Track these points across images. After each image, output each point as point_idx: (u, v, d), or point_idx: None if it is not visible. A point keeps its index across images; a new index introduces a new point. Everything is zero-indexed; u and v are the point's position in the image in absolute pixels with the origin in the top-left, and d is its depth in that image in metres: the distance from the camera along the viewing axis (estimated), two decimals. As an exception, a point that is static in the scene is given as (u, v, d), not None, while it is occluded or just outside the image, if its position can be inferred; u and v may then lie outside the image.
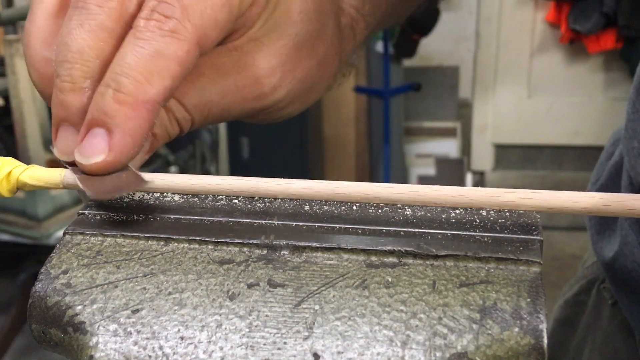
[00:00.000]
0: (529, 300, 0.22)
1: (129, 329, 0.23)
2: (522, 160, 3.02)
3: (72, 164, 0.27)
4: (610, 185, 0.48)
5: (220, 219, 0.27)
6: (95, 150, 0.26)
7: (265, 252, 0.25)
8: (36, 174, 0.28)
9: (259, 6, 0.29)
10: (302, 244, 0.25)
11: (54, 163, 0.29)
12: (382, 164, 2.62)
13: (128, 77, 0.25)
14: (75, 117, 0.27)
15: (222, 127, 2.66)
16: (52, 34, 0.28)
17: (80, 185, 0.26)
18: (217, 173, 2.60)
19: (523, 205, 0.26)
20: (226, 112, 0.31)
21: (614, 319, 0.50)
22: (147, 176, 0.27)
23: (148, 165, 2.16)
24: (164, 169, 2.21)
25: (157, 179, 0.28)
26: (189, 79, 0.29)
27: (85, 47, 0.26)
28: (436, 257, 0.24)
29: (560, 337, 0.57)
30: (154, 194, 0.29)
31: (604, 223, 0.48)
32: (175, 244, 0.26)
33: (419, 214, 0.26)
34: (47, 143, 1.67)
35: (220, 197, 0.28)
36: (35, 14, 0.28)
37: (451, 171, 2.86)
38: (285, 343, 0.22)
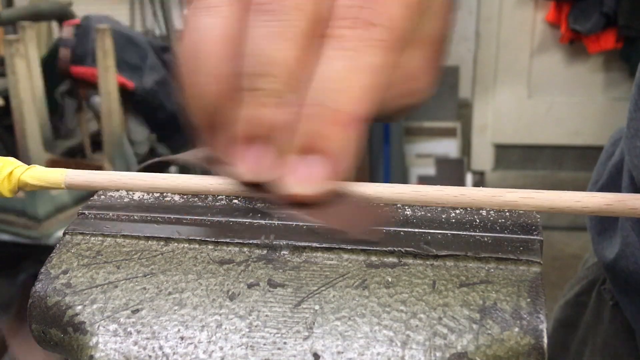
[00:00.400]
0: (529, 300, 0.22)
1: (129, 329, 0.23)
2: (522, 160, 3.02)
3: (256, 185, 0.26)
4: (611, 185, 0.48)
5: (220, 219, 0.27)
6: (312, 179, 0.24)
7: (265, 252, 0.25)
8: (37, 174, 0.28)
9: (426, 2, 0.27)
10: (302, 244, 0.25)
11: (54, 163, 0.29)
12: (382, 164, 2.62)
13: (335, 93, 0.23)
14: (274, 134, 0.24)
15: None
16: (231, 44, 0.25)
17: (328, 223, 0.25)
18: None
19: (524, 205, 0.26)
20: (385, 108, 0.28)
21: (615, 320, 0.50)
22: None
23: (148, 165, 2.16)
24: (164, 169, 2.21)
25: (155, 180, 0.28)
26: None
27: (285, 57, 0.23)
28: (436, 257, 0.24)
29: (561, 337, 0.57)
30: (154, 194, 0.29)
31: (605, 224, 0.48)
32: (175, 244, 0.26)
33: (419, 214, 0.26)
34: (47, 143, 1.67)
35: (220, 197, 0.28)
36: (209, 22, 0.25)
37: (451, 171, 2.86)
38: (285, 343, 0.22)
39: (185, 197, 0.28)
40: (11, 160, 0.28)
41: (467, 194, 0.26)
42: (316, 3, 0.23)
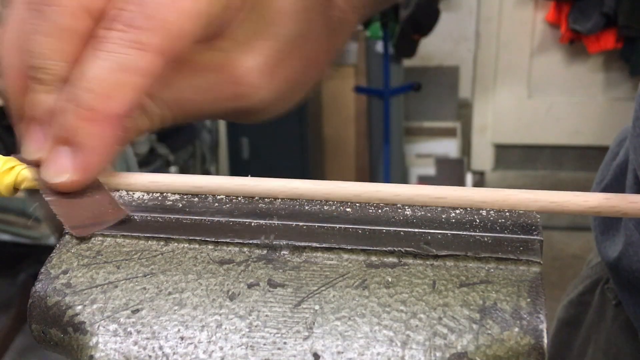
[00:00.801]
0: (529, 300, 0.22)
1: (129, 329, 0.23)
2: (522, 160, 3.03)
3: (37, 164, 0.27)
4: (615, 185, 0.48)
5: (220, 219, 0.27)
6: (61, 169, 0.26)
7: (265, 252, 0.25)
8: (36, 174, 0.28)
9: (233, 9, 0.28)
10: (302, 244, 0.25)
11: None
12: (382, 164, 2.62)
13: (89, 92, 0.25)
14: (46, 119, 0.26)
15: (222, 127, 2.66)
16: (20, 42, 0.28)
17: (57, 214, 0.26)
18: (217, 173, 2.60)
19: (524, 206, 0.26)
20: (202, 110, 0.30)
21: (618, 319, 0.50)
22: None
23: (148, 165, 2.17)
24: (164, 169, 2.21)
25: (144, 179, 0.28)
26: (163, 77, 0.28)
27: (54, 52, 0.26)
28: (436, 257, 0.24)
29: (564, 337, 0.57)
30: (154, 194, 0.29)
31: (608, 223, 0.48)
32: (175, 244, 0.26)
33: (419, 214, 0.26)
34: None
35: (220, 197, 0.28)
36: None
37: (451, 171, 2.86)
38: (285, 343, 0.22)
39: (185, 197, 0.28)
40: (10, 158, 0.28)
41: (470, 194, 0.26)
42: (88, 5, 0.26)
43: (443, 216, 0.26)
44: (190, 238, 0.26)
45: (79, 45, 0.26)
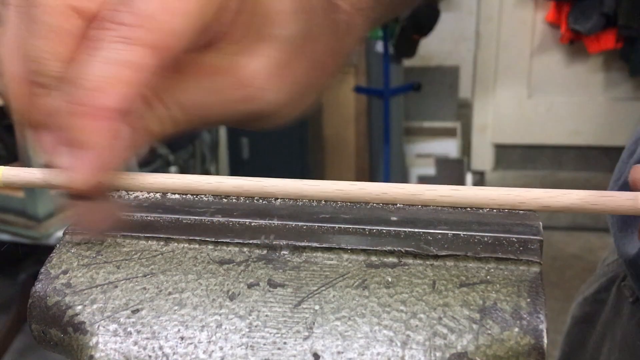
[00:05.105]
0: (529, 300, 0.22)
1: (129, 329, 0.23)
2: (522, 160, 3.03)
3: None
4: None
5: (220, 219, 0.27)
6: (71, 170, 0.26)
7: (265, 252, 0.25)
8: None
9: (229, 11, 0.28)
10: (302, 244, 0.25)
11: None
12: (382, 164, 2.62)
13: (82, 89, 0.25)
14: (48, 120, 0.27)
15: (222, 127, 2.66)
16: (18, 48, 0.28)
17: (72, 216, 0.26)
18: (217, 173, 2.60)
19: (522, 204, 0.26)
20: (213, 114, 0.30)
21: (635, 317, 0.50)
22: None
23: (148, 165, 2.17)
24: (164, 168, 2.21)
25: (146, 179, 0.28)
26: (170, 79, 0.28)
27: (50, 54, 0.26)
28: (436, 257, 0.24)
29: (579, 334, 0.57)
30: (154, 194, 0.29)
31: (627, 221, 0.48)
32: (175, 244, 0.26)
33: (419, 214, 0.26)
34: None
35: (220, 197, 0.28)
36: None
37: (451, 171, 2.86)
38: (285, 343, 0.22)
39: (185, 197, 0.28)
40: None
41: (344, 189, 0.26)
42: (76, 4, 0.26)
43: (443, 216, 0.26)
44: (190, 238, 0.26)
45: (72, 45, 0.26)
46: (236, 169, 2.60)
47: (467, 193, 0.26)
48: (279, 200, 0.28)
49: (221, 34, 0.29)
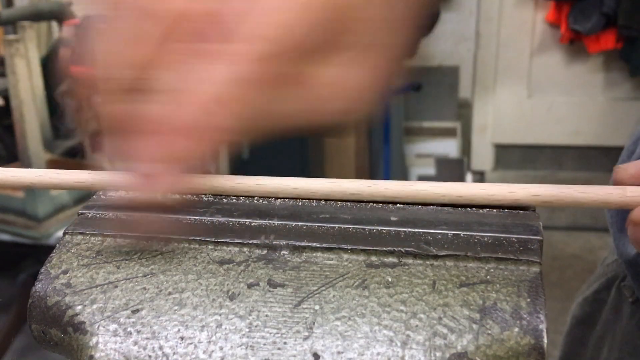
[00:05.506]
0: (529, 300, 0.22)
1: (129, 329, 0.23)
2: (522, 160, 3.02)
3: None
4: None
5: (220, 219, 0.27)
6: (164, 184, 0.25)
7: (265, 252, 0.25)
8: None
9: (330, 22, 0.27)
10: (302, 244, 0.25)
11: (54, 163, 0.29)
12: (382, 164, 2.62)
13: (189, 104, 0.24)
14: (131, 129, 0.25)
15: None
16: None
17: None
18: (217, 173, 2.60)
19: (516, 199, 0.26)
20: (295, 123, 0.29)
21: (634, 317, 0.50)
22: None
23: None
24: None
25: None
26: (259, 90, 0.27)
27: (136, 60, 0.25)
28: (436, 257, 0.24)
29: (578, 334, 0.57)
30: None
31: (627, 220, 0.48)
32: (175, 244, 0.26)
33: (419, 214, 0.26)
34: (47, 143, 1.67)
35: (220, 196, 0.28)
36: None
37: (451, 171, 2.86)
38: (285, 343, 0.22)
39: (185, 197, 0.28)
40: None
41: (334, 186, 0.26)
42: (174, 11, 0.25)
43: (443, 216, 0.26)
44: (190, 238, 0.26)
45: (155, 52, 0.25)
46: (236, 169, 2.60)
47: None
48: (279, 200, 0.28)
49: (315, 43, 0.28)
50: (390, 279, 0.24)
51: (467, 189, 0.26)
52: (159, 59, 0.25)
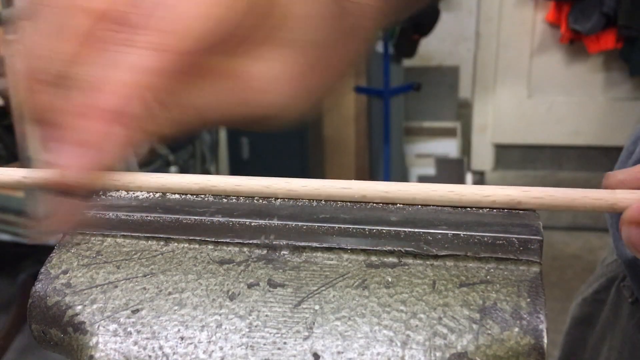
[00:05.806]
0: (529, 300, 0.22)
1: (129, 329, 0.23)
2: (522, 160, 3.03)
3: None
4: None
5: (220, 219, 0.27)
6: (75, 166, 0.26)
7: (265, 252, 0.25)
8: None
9: (251, 16, 0.28)
10: (302, 244, 0.25)
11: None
12: (382, 164, 2.62)
13: (83, 88, 0.25)
14: (52, 118, 0.27)
15: (222, 127, 2.66)
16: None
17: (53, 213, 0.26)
18: (217, 173, 2.60)
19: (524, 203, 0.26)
20: (215, 116, 0.30)
21: (633, 317, 0.50)
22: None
23: (148, 165, 2.16)
24: (164, 168, 2.21)
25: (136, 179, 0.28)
26: (177, 81, 0.28)
27: (61, 53, 0.26)
28: (436, 257, 0.24)
29: (578, 335, 0.57)
30: (155, 194, 0.29)
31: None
32: (175, 244, 0.26)
33: (419, 214, 0.26)
34: (47, 143, 1.67)
35: (220, 196, 0.28)
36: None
37: (451, 171, 2.86)
38: (285, 343, 0.22)
39: (185, 197, 0.28)
40: None
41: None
42: (86, 5, 0.26)
43: (443, 216, 0.26)
44: (190, 238, 0.26)
45: (78, 44, 0.26)
46: (236, 169, 2.60)
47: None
48: (279, 200, 0.28)
49: (240, 37, 0.29)
50: (390, 279, 0.24)
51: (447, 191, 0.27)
52: (84, 52, 0.26)
